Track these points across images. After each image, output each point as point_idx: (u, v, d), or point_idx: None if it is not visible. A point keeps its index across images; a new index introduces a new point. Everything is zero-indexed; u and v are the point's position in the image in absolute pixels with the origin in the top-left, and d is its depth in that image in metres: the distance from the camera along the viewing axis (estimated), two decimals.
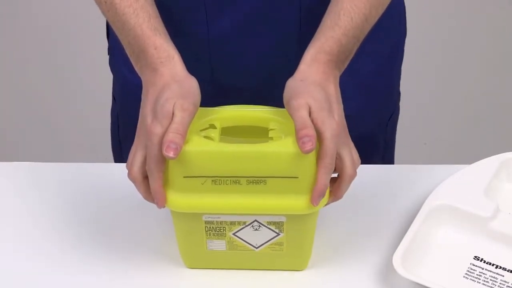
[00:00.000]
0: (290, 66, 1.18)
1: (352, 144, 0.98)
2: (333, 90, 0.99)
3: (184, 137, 0.93)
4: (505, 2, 2.79)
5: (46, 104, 2.59)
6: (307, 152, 0.91)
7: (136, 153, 0.97)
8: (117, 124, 1.35)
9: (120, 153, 1.37)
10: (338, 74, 1.01)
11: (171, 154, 0.92)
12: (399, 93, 1.32)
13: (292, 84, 0.99)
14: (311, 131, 0.92)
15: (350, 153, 0.97)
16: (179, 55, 1.01)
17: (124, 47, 1.05)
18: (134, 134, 0.99)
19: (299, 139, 0.92)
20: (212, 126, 0.99)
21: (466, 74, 2.64)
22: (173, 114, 0.94)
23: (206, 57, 1.18)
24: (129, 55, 1.05)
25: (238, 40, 1.16)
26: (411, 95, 2.45)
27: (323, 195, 0.95)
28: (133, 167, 0.97)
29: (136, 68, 1.03)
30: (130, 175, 0.98)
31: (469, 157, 1.19)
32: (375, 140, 1.30)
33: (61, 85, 2.64)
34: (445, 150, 2.44)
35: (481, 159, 1.15)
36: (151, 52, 1.00)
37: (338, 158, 0.96)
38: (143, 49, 1.01)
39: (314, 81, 0.98)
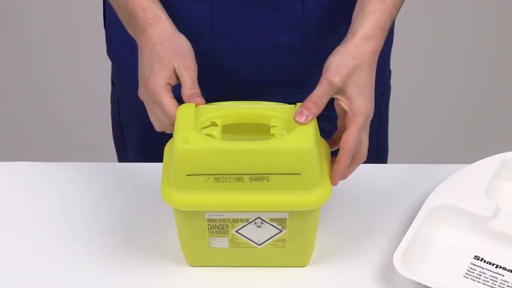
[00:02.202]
0: (295, 46, 1.17)
1: (368, 129, 1.01)
2: (375, 72, 1.01)
3: (199, 90, 0.99)
4: None
5: (46, 105, 2.59)
6: (297, 121, 0.96)
7: (152, 115, 1.02)
8: (117, 110, 1.35)
9: (123, 140, 1.37)
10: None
11: (199, 100, 0.98)
12: (389, 72, 1.33)
13: (341, 58, 0.99)
14: (315, 110, 0.96)
15: (367, 137, 1.00)
16: (167, 14, 1.05)
17: (116, 12, 1.09)
18: (135, 119, 1.02)
19: (302, 107, 0.97)
20: (214, 124, 0.99)
21: (466, 74, 2.64)
22: (176, 72, 1.00)
23: (209, 38, 1.17)
24: (121, 20, 1.08)
25: (241, 18, 1.16)
26: (410, 94, 2.46)
27: (342, 176, 0.98)
28: (158, 126, 1.03)
29: (129, 31, 1.08)
30: (166, 131, 1.03)
31: (469, 157, 1.19)
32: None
33: (60, 85, 2.63)
34: (445, 150, 2.44)
35: (481, 159, 1.15)
36: (140, 15, 1.04)
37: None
38: (132, 13, 1.05)
39: (364, 62, 0.99)
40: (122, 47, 1.24)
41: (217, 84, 1.18)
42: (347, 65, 0.98)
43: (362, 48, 1.00)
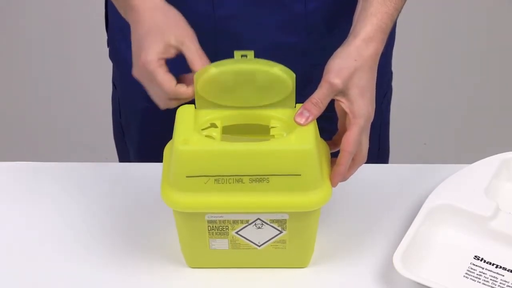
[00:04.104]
0: (298, 46, 1.17)
1: (369, 131, 1.01)
2: (375, 75, 1.01)
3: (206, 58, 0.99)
4: None
5: (46, 104, 2.59)
6: (297, 122, 0.96)
7: (150, 90, 1.00)
8: (118, 111, 1.35)
9: (123, 140, 1.37)
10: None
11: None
12: (391, 73, 1.33)
13: (343, 60, 0.99)
14: (316, 111, 0.97)
15: (367, 139, 1.00)
16: None
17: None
18: (136, 120, 1.00)
19: (302, 108, 0.97)
20: (213, 125, 0.99)
21: (466, 75, 2.64)
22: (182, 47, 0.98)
23: (212, 39, 1.17)
24: (116, 6, 1.07)
25: (243, 18, 1.16)
26: (411, 95, 2.46)
27: (342, 177, 0.98)
28: (158, 101, 1.00)
29: (121, 12, 1.06)
30: (161, 107, 1.00)
31: (469, 157, 1.19)
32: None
33: (60, 85, 2.63)
34: (445, 150, 2.44)
35: (481, 159, 1.15)
36: None
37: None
38: None
39: (365, 64, 0.99)
40: (126, 50, 1.24)
41: None
42: (349, 67, 0.98)
43: (363, 50, 1.00)
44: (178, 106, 1.00)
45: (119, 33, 1.24)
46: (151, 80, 0.99)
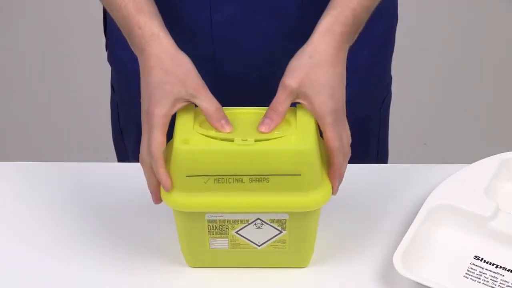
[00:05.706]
0: (293, 50, 1.17)
1: (347, 124, 1.00)
2: (341, 69, 0.99)
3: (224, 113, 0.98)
4: None
5: (46, 104, 2.59)
6: (261, 131, 0.95)
7: (143, 138, 0.98)
8: (117, 114, 1.35)
9: (123, 143, 1.37)
10: (347, 48, 1.01)
11: (227, 129, 0.96)
12: (390, 77, 1.33)
13: (297, 59, 0.99)
14: (276, 117, 0.96)
15: (347, 133, 0.99)
16: (166, 31, 1.01)
17: (120, 28, 1.06)
18: (134, 123, 1.00)
19: (264, 116, 0.96)
20: None
21: (466, 75, 2.64)
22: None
23: (209, 44, 1.17)
24: (125, 36, 1.06)
25: (241, 23, 1.15)
26: (411, 94, 2.46)
27: (342, 178, 0.97)
28: (142, 151, 0.98)
29: (132, 48, 1.04)
30: (139, 159, 0.99)
31: (469, 157, 1.19)
32: (370, 123, 1.31)
33: (60, 85, 2.64)
34: (445, 150, 2.44)
35: (481, 159, 1.15)
36: (137, 33, 1.01)
37: None
38: (130, 30, 1.02)
39: (322, 59, 0.98)
40: (124, 54, 1.24)
41: (218, 90, 1.17)
42: (302, 66, 0.97)
43: (320, 45, 0.98)
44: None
45: (117, 38, 1.24)
46: (148, 130, 0.97)
